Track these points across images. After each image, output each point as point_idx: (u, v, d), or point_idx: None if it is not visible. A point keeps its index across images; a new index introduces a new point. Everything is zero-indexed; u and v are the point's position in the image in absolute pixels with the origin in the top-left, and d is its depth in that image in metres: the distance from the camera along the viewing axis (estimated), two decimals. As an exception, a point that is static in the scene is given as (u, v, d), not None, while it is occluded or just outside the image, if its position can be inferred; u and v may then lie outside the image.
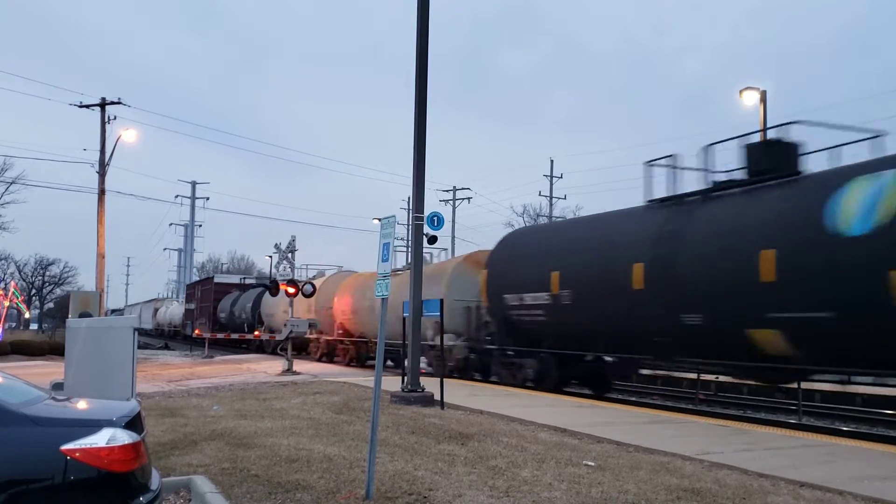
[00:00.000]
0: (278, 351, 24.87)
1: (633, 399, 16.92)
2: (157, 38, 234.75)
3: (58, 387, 7.87)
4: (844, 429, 12.15)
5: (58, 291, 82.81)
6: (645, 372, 18.75)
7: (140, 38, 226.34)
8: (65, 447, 4.04)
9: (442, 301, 13.32)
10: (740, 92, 23.00)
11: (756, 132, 13.69)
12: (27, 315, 73.09)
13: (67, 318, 17.87)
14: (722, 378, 16.96)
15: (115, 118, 31.78)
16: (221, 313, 40.60)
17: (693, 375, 15.96)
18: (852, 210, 9.97)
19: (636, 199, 14.55)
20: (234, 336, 34.81)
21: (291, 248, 23.63)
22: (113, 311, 79.72)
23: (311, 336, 27.23)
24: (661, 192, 13.84)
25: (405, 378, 13.68)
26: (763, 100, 22.72)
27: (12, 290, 45.21)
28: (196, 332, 38.96)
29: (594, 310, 14.33)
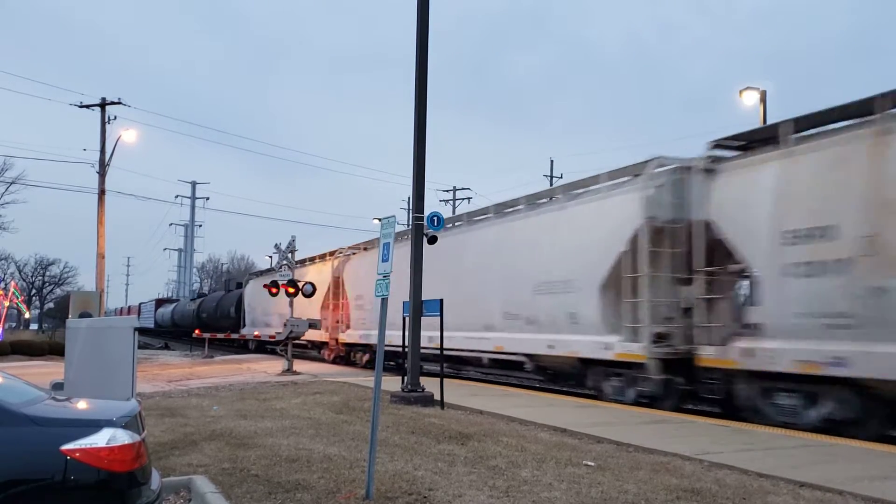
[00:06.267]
0: (278, 351, 24.88)
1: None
2: (159, 39, 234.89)
3: (58, 387, 7.87)
4: (846, 431, 12.13)
5: (58, 291, 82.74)
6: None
7: (142, 38, 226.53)
8: (65, 447, 4.04)
9: (441, 301, 13.29)
10: (740, 92, 22.96)
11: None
12: (27, 315, 73.03)
13: (67, 318, 17.86)
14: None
15: (115, 118, 31.88)
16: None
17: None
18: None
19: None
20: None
21: (291, 249, 23.58)
22: (161, 303, 61.52)
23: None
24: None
25: (405, 378, 13.68)
26: (763, 100, 22.71)
27: (12, 290, 45.25)
28: (196, 332, 38.72)
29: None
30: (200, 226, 73.65)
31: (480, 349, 17.58)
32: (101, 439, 4.15)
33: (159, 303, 62.75)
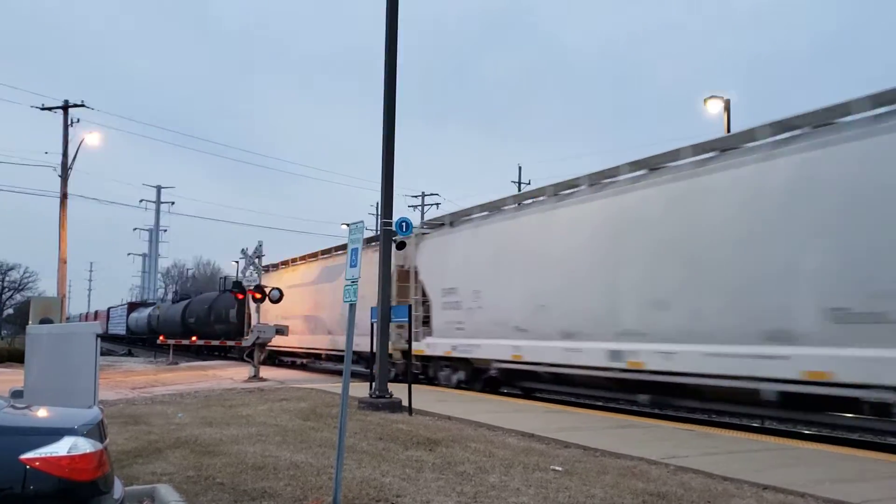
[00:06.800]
0: (244, 357, 24.62)
1: (600, 404, 17.01)
2: (131, 42, 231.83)
3: (17, 394, 7.71)
4: (806, 432, 12.36)
5: (18, 297, 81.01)
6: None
7: (114, 40, 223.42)
8: (24, 456, 3.95)
9: (410, 307, 13.29)
10: (705, 101, 23.31)
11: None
12: (-15, 321, 71.43)
13: (27, 324, 17.50)
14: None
15: (78, 121, 31.21)
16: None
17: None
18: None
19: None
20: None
21: (258, 254, 23.40)
22: (134, 307, 54.29)
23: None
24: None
25: (373, 384, 13.63)
26: (727, 108, 23.08)
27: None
28: (161, 338, 38.12)
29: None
30: (165, 230, 72.93)
31: (763, 375, 10.04)
32: (62, 448, 4.07)
33: (132, 307, 56.27)
